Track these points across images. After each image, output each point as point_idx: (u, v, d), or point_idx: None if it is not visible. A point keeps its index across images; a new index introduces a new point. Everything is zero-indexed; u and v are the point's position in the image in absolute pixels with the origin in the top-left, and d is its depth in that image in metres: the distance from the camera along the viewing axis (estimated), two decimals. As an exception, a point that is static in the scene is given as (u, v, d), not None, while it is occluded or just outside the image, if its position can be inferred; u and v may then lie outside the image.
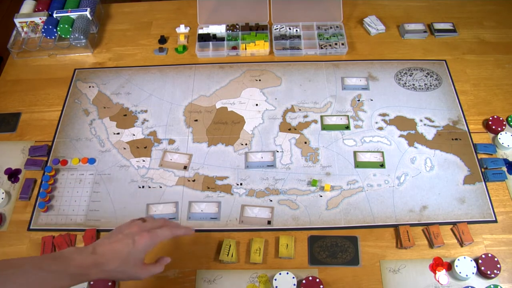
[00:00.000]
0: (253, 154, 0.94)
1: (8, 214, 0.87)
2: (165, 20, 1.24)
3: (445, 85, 1.05)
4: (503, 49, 1.13)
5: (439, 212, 0.85)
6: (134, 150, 0.96)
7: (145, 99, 1.05)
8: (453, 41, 1.15)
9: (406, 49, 1.14)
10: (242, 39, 1.14)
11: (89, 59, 1.15)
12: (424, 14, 1.22)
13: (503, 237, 0.82)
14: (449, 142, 0.95)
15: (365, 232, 0.83)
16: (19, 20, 1.15)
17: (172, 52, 1.15)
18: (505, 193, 0.88)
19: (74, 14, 1.14)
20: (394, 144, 0.95)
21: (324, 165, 0.92)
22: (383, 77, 1.07)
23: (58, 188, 0.91)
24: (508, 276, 0.78)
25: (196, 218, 0.86)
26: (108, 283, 0.77)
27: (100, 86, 1.08)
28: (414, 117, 0.99)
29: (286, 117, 1.00)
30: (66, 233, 0.84)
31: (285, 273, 0.76)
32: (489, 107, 1.01)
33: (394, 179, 0.90)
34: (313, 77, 1.08)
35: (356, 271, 0.79)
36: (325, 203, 0.87)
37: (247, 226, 0.85)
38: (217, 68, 1.11)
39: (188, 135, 0.98)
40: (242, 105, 1.03)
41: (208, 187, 0.90)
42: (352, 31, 1.19)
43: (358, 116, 1.00)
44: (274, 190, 0.89)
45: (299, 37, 1.14)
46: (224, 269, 0.80)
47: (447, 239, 0.82)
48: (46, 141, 0.98)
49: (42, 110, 1.04)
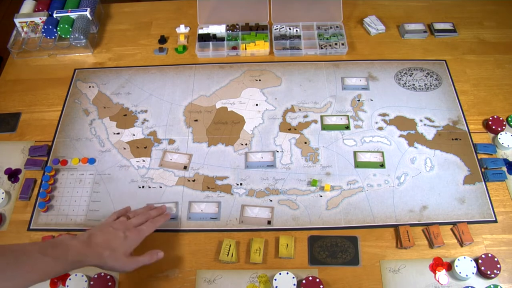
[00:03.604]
0: (253, 154, 0.94)
1: (8, 214, 0.87)
2: (165, 20, 1.24)
3: (445, 85, 1.05)
4: (503, 49, 1.13)
5: (439, 212, 0.85)
6: (134, 150, 0.96)
7: (145, 99, 1.05)
8: (453, 41, 1.15)
9: (406, 49, 1.14)
10: (242, 39, 1.14)
11: (89, 59, 1.15)
12: (424, 14, 1.22)
13: (503, 237, 0.82)
14: (449, 142, 0.95)
15: (365, 232, 0.83)
16: (19, 20, 1.15)
17: (172, 52, 1.15)
18: (505, 193, 0.88)
19: (74, 14, 1.14)
20: (394, 144, 0.95)
21: (324, 165, 0.92)
22: (383, 77, 1.07)
23: (58, 188, 0.91)
24: (508, 276, 0.78)
25: (196, 218, 0.86)
26: (108, 283, 0.77)
27: (100, 86, 1.08)
28: (414, 117, 0.99)
29: (286, 117, 1.00)
30: (66, 233, 0.84)
31: (285, 273, 0.76)
32: (489, 107, 1.01)
33: (394, 179, 0.90)
34: (313, 77, 1.08)
35: (356, 271, 0.79)
36: (325, 203, 0.87)
37: (247, 226, 0.85)
38: (217, 68, 1.11)
39: (188, 135, 0.98)
40: (242, 105, 1.03)
41: (208, 187, 0.90)
42: (352, 31, 1.19)
43: (358, 116, 1.00)
44: (274, 190, 0.89)
45: (299, 37, 1.14)
46: (224, 269, 0.80)
47: (447, 239, 0.82)
48: (46, 141, 0.98)
49: (42, 110, 1.04)
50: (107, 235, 0.70)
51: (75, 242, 0.67)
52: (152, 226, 0.77)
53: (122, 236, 0.71)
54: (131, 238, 0.72)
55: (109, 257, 0.68)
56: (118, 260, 0.69)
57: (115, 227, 0.73)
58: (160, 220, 0.80)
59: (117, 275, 0.79)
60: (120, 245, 0.70)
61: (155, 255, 0.75)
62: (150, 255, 0.74)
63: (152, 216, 0.80)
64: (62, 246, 0.65)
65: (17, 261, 0.60)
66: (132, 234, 0.73)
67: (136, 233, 0.73)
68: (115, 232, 0.72)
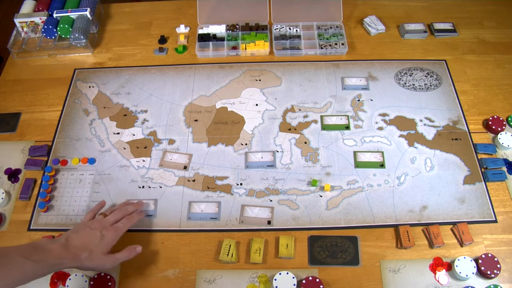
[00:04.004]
0: (253, 154, 0.94)
1: (8, 214, 0.87)
2: (165, 20, 1.24)
3: (445, 85, 1.05)
4: (503, 49, 1.13)
5: (439, 212, 0.85)
6: (134, 150, 0.96)
7: (145, 99, 1.05)
8: (453, 41, 1.15)
9: (406, 49, 1.14)
10: (242, 39, 1.14)
11: (89, 59, 1.15)
12: (424, 14, 1.22)
13: (503, 237, 0.82)
14: (449, 142, 0.95)
15: (365, 232, 0.83)
16: (19, 20, 1.15)
17: (172, 52, 1.15)
18: (505, 193, 0.88)
19: (74, 14, 1.14)
20: (394, 144, 0.95)
21: (324, 165, 0.92)
22: (383, 77, 1.07)
23: (58, 188, 0.91)
24: (508, 276, 0.78)
25: (196, 218, 0.86)
26: (108, 283, 0.77)
27: (100, 86, 1.08)
28: (414, 117, 0.99)
29: (286, 117, 1.00)
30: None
31: (285, 273, 0.76)
32: (489, 107, 1.01)
33: (394, 179, 0.90)
34: (313, 77, 1.08)
35: (356, 271, 0.79)
36: (325, 203, 0.87)
37: (247, 226, 0.85)
38: (217, 68, 1.11)
39: (188, 135, 0.98)
40: (242, 105, 1.03)
41: (208, 187, 0.90)
42: (352, 31, 1.19)
43: (358, 116, 1.00)
44: (274, 190, 0.89)
45: (299, 37, 1.14)
46: (224, 269, 0.80)
47: (447, 239, 0.82)
48: (46, 141, 0.98)
49: (42, 110, 1.04)
50: (84, 238, 0.72)
51: (53, 246, 0.68)
52: (128, 222, 0.79)
53: (99, 236, 0.73)
54: (108, 237, 0.74)
55: (87, 259, 0.70)
56: (96, 260, 0.71)
57: (92, 227, 0.74)
58: (136, 217, 0.81)
59: (117, 275, 0.79)
60: (97, 246, 0.72)
61: (133, 251, 0.76)
62: (128, 251, 0.75)
63: (129, 211, 0.82)
64: (41, 250, 0.67)
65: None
66: (108, 233, 0.74)
67: (113, 231, 0.75)
68: (92, 232, 0.73)
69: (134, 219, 0.80)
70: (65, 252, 0.68)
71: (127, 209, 0.82)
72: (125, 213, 0.81)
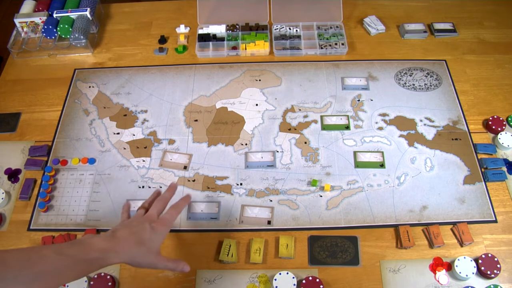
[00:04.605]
0: (253, 154, 0.94)
1: (8, 214, 0.87)
2: (165, 20, 1.24)
3: (445, 85, 1.05)
4: (503, 49, 1.13)
5: (439, 212, 0.85)
6: (134, 150, 0.96)
7: (145, 99, 1.05)
8: (453, 41, 1.15)
9: (406, 49, 1.14)
10: (242, 39, 1.14)
11: (89, 59, 1.15)
12: (424, 14, 1.22)
13: (503, 237, 0.82)
14: (449, 142, 0.95)
15: (365, 232, 0.83)
16: (19, 20, 1.15)
17: (172, 52, 1.15)
18: (505, 193, 0.88)
19: (74, 14, 1.14)
20: (394, 144, 0.95)
21: (324, 165, 0.92)
22: (383, 77, 1.07)
23: (58, 188, 0.91)
24: (508, 276, 0.78)
25: (196, 218, 0.86)
26: (108, 283, 0.77)
27: (100, 86, 1.08)
28: (414, 117, 0.99)
29: (286, 117, 1.00)
30: (66, 233, 0.84)
31: (285, 273, 0.76)
32: (489, 107, 1.01)
33: (394, 179, 0.90)
34: (313, 77, 1.08)
35: (356, 271, 0.79)
36: (325, 203, 0.87)
37: (247, 226, 0.85)
38: (217, 68, 1.11)
39: (188, 135, 0.98)
40: (242, 105, 1.03)
41: (208, 187, 0.90)
42: (352, 31, 1.19)
43: (358, 116, 1.00)
44: (274, 190, 0.89)
45: (299, 37, 1.14)
46: (224, 269, 0.80)
47: (447, 239, 0.82)
48: (46, 141, 0.98)
49: (42, 110, 1.04)
50: (133, 229, 0.63)
51: (95, 239, 0.61)
52: (175, 212, 0.69)
53: (149, 228, 0.64)
54: (159, 230, 0.65)
55: (133, 254, 0.61)
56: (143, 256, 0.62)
57: (140, 220, 0.66)
58: (182, 204, 0.71)
59: (117, 275, 0.79)
60: (149, 240, 0.63)
61: (181, 266, 0.66)
62: (177, 263, 0.66)
63: (168, 199, 0.72)
64: (80, 244, 0.59)
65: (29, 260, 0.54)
66: (158, 226, 0.65)
67: (163, 224, 0.66)
68: (140, 224, 0.64)
69: (180, 207, 0.70)
70: (111, 243, 0.60)
71: (165, 197, 0.72)
72: (165, 202, 0.71)
